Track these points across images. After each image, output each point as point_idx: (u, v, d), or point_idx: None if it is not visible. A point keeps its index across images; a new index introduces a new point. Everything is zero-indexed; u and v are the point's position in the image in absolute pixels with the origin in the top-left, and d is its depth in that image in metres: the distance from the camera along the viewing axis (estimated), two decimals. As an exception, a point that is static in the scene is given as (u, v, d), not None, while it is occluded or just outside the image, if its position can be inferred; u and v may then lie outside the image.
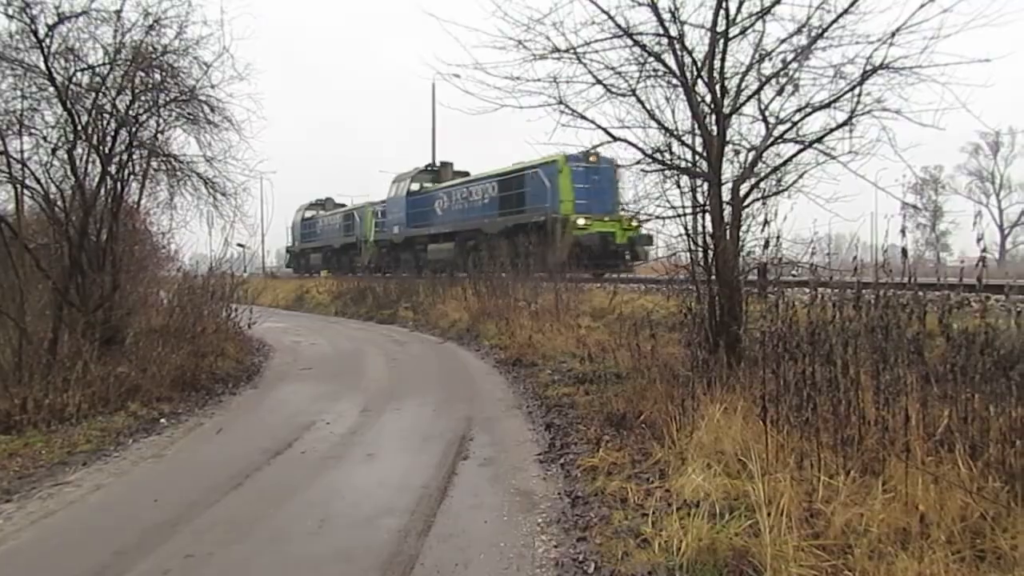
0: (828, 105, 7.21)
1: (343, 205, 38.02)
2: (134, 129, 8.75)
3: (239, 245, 14.64)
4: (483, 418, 7.34)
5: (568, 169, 18.48)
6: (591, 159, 17.95)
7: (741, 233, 6.59)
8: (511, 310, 13.39)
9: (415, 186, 26.90)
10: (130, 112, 8.56)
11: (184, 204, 10.01)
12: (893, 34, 6.18)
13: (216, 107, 9.21)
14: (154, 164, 9.57)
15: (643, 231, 17.30)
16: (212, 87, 8.98)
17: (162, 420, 7.29)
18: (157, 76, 8.66)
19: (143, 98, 8.65)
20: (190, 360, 8.96)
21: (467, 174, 26.18)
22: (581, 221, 18.08)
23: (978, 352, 3.88)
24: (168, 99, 8.91)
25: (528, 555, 3.87)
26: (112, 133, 8.57)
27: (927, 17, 5.92)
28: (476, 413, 7.55)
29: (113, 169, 8.74)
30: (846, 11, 6.26)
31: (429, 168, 28.19)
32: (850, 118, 7.32)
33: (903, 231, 5.75)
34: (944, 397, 3.99)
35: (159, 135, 9.22)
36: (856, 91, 6.78)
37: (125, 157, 8.89)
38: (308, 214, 39.60)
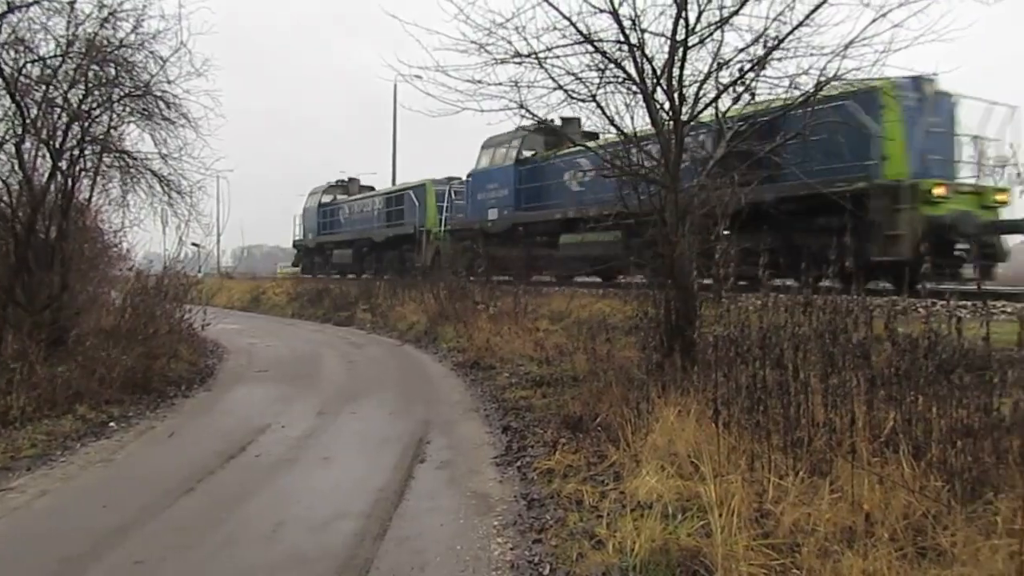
0: (783, 115, 7.38)
1: (371, 188, 31.13)
2: (86, 124, 8.55)
3: (194, 244, 14.34)
4: (440, 421, 7.33)
5: (896, 103, 10.32)
6: (927, 88, 10.69)
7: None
8: (470, 313, 13.38)
9: (529, 152, 18.31)
10: (82, 106, 8.38)
11: (137, 202, 9.80)
12: (846, 47, 6.36)
13: (172, 103, 9.05)
14: (107, 160, 9.36)
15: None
16: (168, 83, 8.83)
17: (112, 423, 7.13)
18: (111, 70, 8.49)
19: (96, 92, 8.46)
20: (141, 362, 8.78)
21: (595, 136, 15.14)
22: (939, 191, 10.45)
23: (922, 356, 4.00)
24: (122, 94, 8.73)
25: (484, 557, 3.88)
26: (63, 127, 8.37)
27: (879, 31, 6.10)
28: (433, 416, 7.54)
29: (64, 164, 8.54)
30: (801, 23, 6.41)
31: (544, 126, 18.67)
32: (804, 128, 7.50)
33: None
34: (889, 400, 4.10)
35: (112, 131, 9.02)
36: (810, 102, 6.95)
37: (76, 152, 8.69)
38: (326, 199, 31.19)
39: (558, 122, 12.92)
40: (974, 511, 3.30)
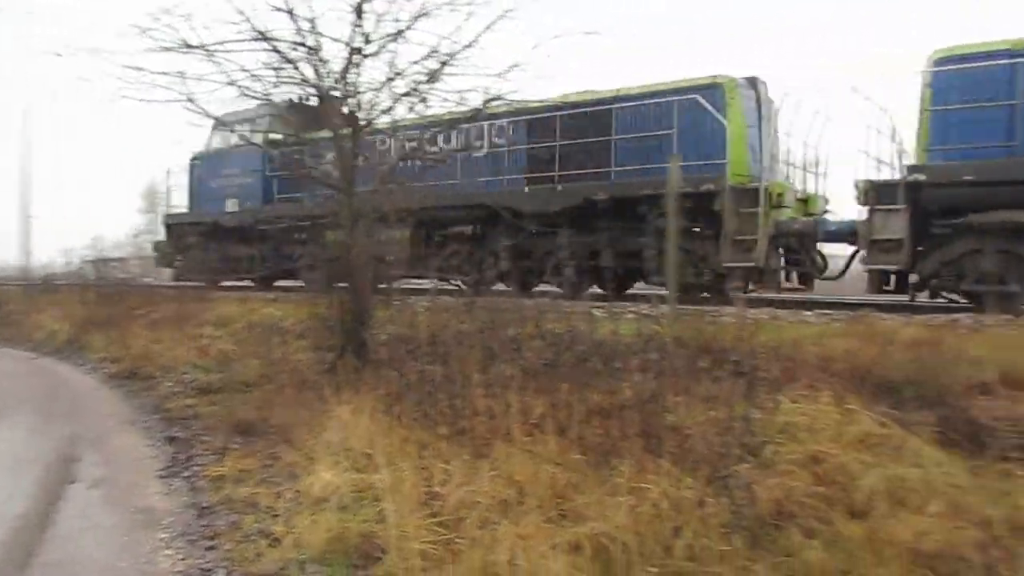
0: (453, 126, 7.95)
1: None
2: None
3: None
4: (92, 437, 6.67)
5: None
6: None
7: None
8: (125, 319, 12.29)
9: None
10: None
11: None
12: (508, 70, 7.07)
13: None
14: None
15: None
16: None
17: None
18: None
19: None
20: None
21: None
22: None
23: (564, 349, 4.62)
24: None
25: (151, 571, 3.70)
26: None
27: (533, 59, 6.91)
28: (84, 432, 6.84)
29: None
30: (469, 45, 6.98)
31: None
32: (469, 139, 8.14)
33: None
34: (539, 388, 4.67)
35: None
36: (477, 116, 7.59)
37: None
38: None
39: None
40: (603, 477, 3.92)
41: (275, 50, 6.65)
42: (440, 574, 3.17)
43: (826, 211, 11.43)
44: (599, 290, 11.59)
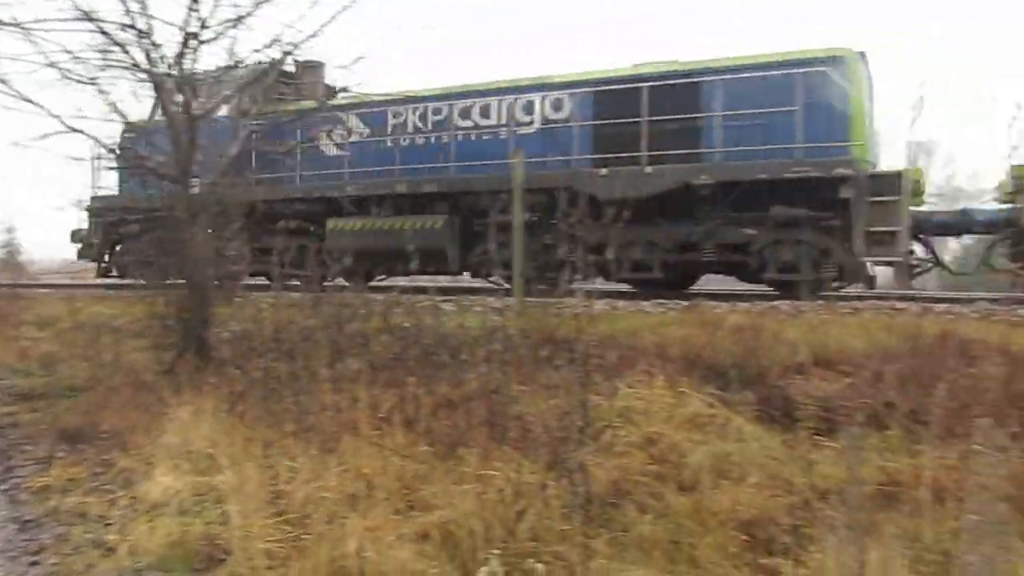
0: (301, 118, 7.80)
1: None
2: None
3: None
4: None
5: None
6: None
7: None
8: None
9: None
10: None
11: None
12: (354, 62, 7.05)
13: None
14: None
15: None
16: None
17: None
18: None
19: None
20: None
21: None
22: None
23: (411, 343, 4.67)
24: None
25: (-35, 593, 3.43)
26: None
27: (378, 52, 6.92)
28: None
29: None
30: (312, 36, 6.86)
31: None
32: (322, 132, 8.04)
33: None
34: (387, 382, 4.69)
35: None
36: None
37: None
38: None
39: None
40: (450, 466, 4.00)
41: (101, 31, 6.26)
42: (286, 571, 3.13)
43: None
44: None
